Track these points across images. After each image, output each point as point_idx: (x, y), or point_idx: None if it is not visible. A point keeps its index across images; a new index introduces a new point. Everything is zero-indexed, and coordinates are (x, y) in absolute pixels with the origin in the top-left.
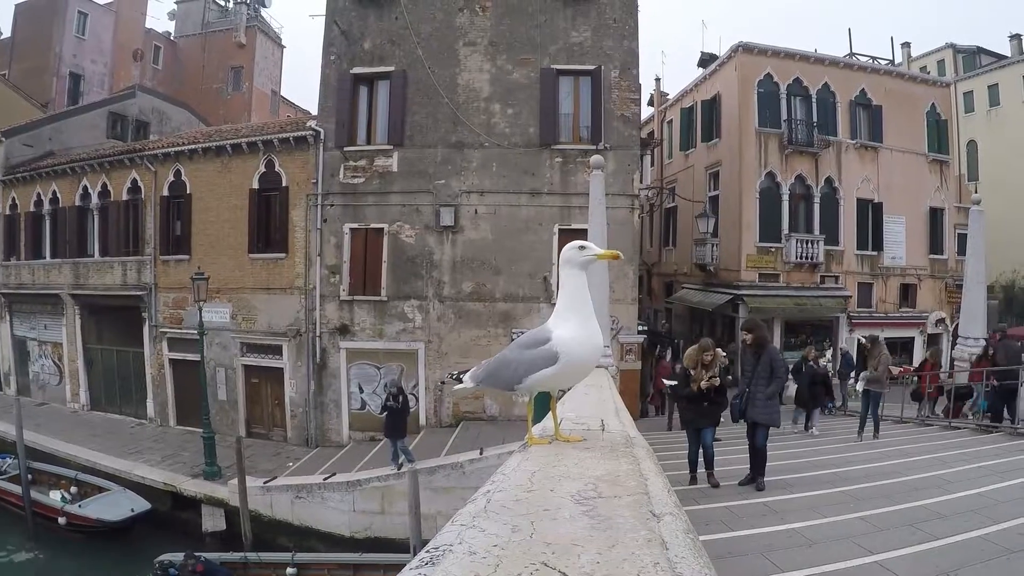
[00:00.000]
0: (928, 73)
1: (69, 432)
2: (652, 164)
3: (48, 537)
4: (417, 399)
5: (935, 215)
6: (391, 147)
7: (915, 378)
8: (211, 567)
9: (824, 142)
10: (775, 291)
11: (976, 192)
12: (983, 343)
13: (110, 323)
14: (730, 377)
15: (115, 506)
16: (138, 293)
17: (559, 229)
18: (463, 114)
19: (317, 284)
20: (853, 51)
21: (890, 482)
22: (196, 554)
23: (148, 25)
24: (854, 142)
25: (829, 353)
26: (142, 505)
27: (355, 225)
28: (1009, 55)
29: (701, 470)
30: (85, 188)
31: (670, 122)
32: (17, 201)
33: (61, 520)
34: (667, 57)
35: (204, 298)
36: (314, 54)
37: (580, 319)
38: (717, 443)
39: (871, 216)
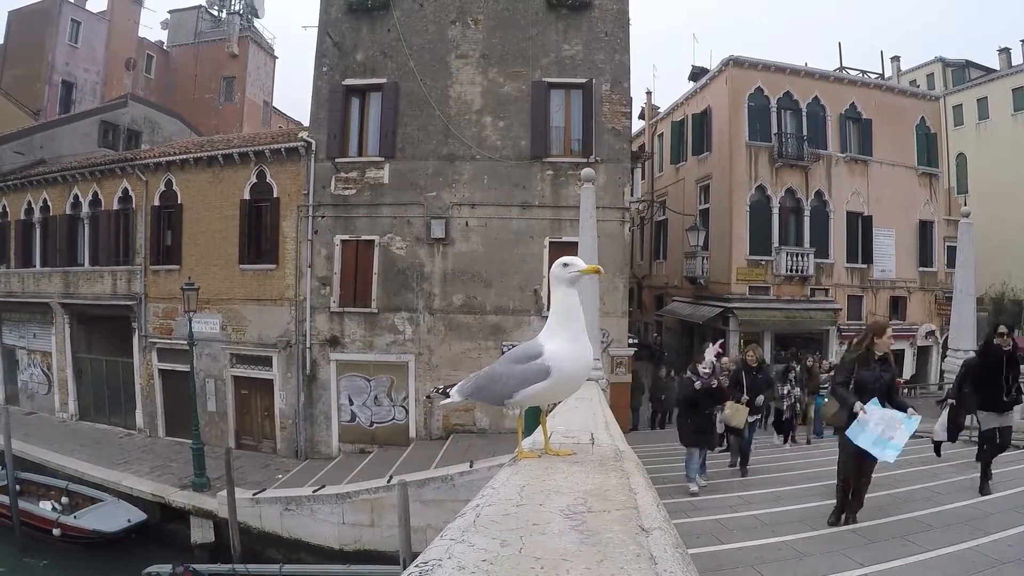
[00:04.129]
0: (917, 87)
1: (57, 442)
2: (643, 177)
3: (36, 548)
4: (407, 411)
5: (924, 228)
6: (382, 159)
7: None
8: None
9: (814, 156)
10: (765, 304)
11: (965, 205)
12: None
13: (100, 333)
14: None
15: (111, 516)
16: (128, 303)
17: (550, 242)
18: (455, 126)
19: (307, 295)
20: (843, 65)
21: (880, 494)
22: (184, 564)
23: (141, 34)
24: (844, 156)
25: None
26: (138, 515)
27: (346, 237)
28: (998, 68)
29: None
30: (76, 197)
31: (661, 135)
32: (7, 209)
33: (56, 531)
34: (658, 71)
35: (194, 308)
36: (306, 65)
37: (571, 333)
38: None
39: (861, 229)
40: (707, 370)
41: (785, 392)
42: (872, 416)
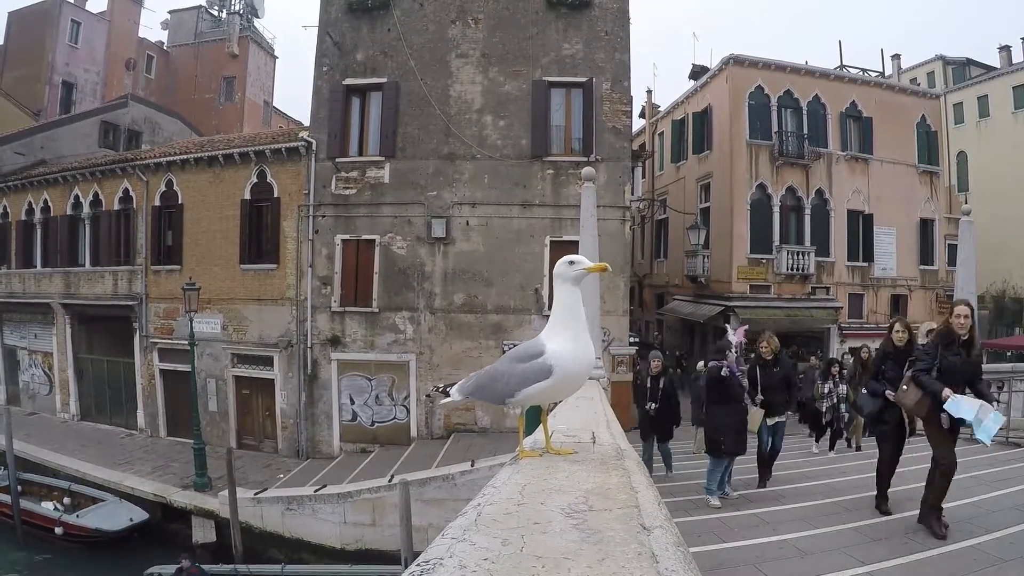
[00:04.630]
0: (918, 85)
1: (59, 442)
2: (643, 176)
3: (37, 547)
4: (408, 410)
5: (925, 226)
6: (383, 158)
7: None
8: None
9: (815, 154)
10: (766, 302)
11: (966, 203)
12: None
13: (101, 333)
14: None
15: (113, 516)
16: (129, 303)
17: (551, 241)
18: (455, 126)
19: (308, 295)
20: (843, 63)
21: None
22: (191, 558)
23: (141, 34)
24: (845, 154)
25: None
26: (140, 515)
27: (346, 236)
28: (999, 66)
29: None
30: (76, 197)
31: (661, 134)
32: (8, 209)
33: (58, 530)
34: (658, 69)
35: (195, 308)
36: (307, 65)
37: (573, 332)
38: None
39: (862, 227)
40: (735, 354)
41: (827, 391)
42: (962, 399)
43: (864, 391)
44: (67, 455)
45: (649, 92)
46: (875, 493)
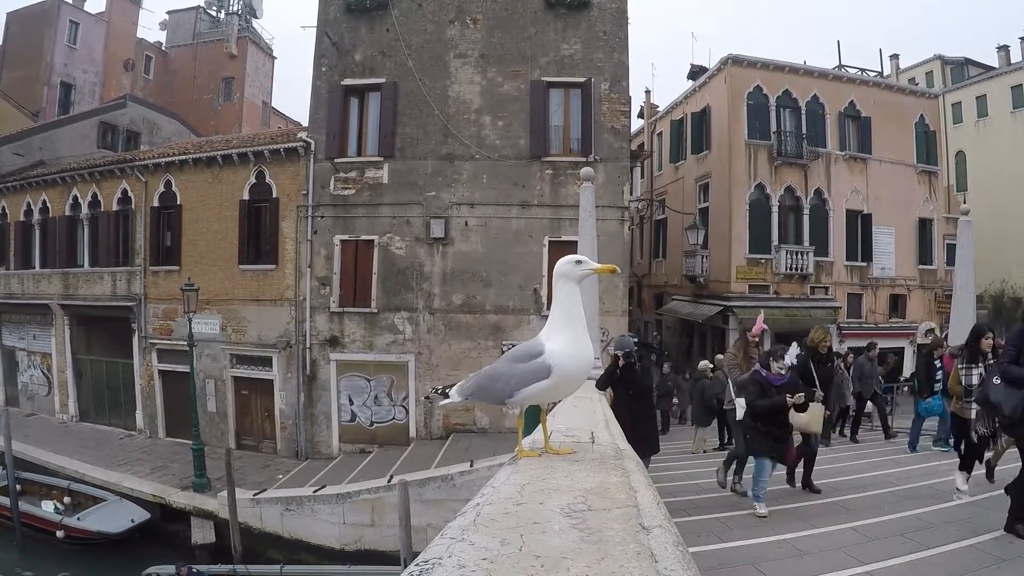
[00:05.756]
0: (917, 85)
1: (58, 443)
2: (642, 176)
3: (36, 548)
4: (407, 411)
5: (924, 226)
6: (381, 159)
7: None
8: None
9: (813, 154)
10: (765, 302)
11: (965, 202)
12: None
13: (99, 334)
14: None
15: (114, 517)
16: (128, 304)
17: (549, 241)
18: (454, 126)
19: (307, 295)
20: (842, 63)
21: (881, 492)
22: (187, 564)
23: (139, 35)
24: (843, 154)
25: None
26: (141, 515)
27: (345, 236)
28: (997, 66)
29: None
30: (75, 198)
31: (660, 134)
32: (7, 210)
33: (59, 533)
34: (657, 69)
35: (194, 309)
36: (305, 65)
37: (573, 332)
38: None
39: (860, 227)
40: (783, 370)
41: (976, 381)
42: None
43: (997, 381)
44: (66, 456)
45: (648, 92)
46: (1008, 511)
